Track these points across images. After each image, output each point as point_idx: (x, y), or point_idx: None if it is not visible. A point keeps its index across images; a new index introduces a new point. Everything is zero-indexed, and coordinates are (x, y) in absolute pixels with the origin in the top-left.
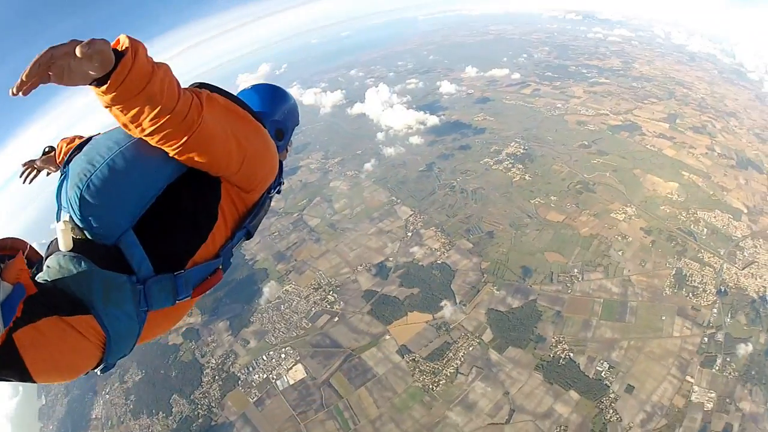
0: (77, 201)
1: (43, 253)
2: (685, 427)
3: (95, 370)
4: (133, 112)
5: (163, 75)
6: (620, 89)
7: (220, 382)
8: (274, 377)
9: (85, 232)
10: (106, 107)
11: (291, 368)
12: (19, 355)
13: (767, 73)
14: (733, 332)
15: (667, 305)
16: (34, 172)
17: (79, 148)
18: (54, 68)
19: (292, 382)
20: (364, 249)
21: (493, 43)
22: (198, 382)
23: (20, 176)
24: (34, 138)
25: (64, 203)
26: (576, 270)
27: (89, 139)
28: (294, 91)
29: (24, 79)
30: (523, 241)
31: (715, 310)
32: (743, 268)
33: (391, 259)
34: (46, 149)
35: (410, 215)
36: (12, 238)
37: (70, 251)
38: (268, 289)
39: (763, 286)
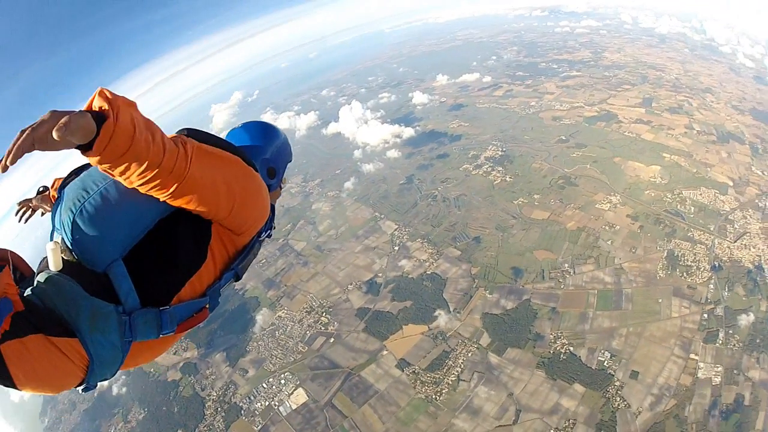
0: (69, 225)
1: (34, 267)
2: (695, 403)
3: (77, 389)
4: (120, 169)
5: (146, 129)
6: (593, 80)
7: (223, 414)
8: (277, 404)
9: (75, 255)
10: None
11: (292, 393)
12: (5, 365)
13: (739, 44)
14: (732, 305)
15: (662, 288)
16: (30, 211)
17: (76, 173)
18: (37, 141)
19: (294, 406)
20: (352, 267)
21: (461, 49)
22: (201, 415)
23: (15, 215)
24: (23, 176)
25: (57, 225)
26: (567, 265)
27: (86, 165)
28: (268, 117)
29: (8, 163)
30: (510, 243)
31: (711, 286)
32: (735, 241)
33: (380, 274)
34: (41, 188)
35: (395, 229)
36: (1, 249)
37: (59, 272)
38: (261, 317)
39: (758, 255)
